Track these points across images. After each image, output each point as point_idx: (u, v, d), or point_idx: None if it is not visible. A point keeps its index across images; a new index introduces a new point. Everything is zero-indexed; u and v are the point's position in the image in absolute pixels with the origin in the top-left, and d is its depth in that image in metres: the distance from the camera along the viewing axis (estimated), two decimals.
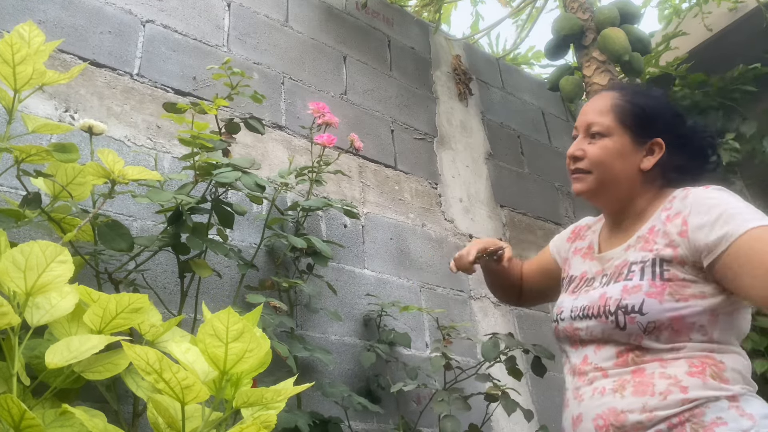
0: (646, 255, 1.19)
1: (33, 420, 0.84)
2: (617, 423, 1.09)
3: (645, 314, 1.11)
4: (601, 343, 1.19)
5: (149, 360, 0.83)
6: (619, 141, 1.29)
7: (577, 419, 1.18)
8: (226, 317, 0.85)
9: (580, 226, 1.52)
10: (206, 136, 1.46)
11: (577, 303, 1.26)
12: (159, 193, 1.29)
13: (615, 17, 2.96)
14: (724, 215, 1.10)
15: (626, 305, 1.14)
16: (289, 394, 0.93)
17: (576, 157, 1.33)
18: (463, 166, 2.71)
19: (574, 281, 1.36)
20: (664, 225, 1.19)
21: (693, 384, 1.06)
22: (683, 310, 1.11)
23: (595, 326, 1.19)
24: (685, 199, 1.19)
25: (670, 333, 1.11)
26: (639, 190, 1.30)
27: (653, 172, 1.29)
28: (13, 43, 1.05)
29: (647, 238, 1.22)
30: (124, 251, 1.29)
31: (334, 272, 1.99)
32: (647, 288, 1.13)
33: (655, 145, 1.29)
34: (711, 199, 1.15)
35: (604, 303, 1.18)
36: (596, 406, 1.13)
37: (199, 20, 2.05)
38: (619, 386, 1.12)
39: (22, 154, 1.13)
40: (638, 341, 1.13)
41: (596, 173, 1.30)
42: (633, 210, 1.31)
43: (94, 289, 1.07)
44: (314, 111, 1.81)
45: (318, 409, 1.72)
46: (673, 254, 1.14)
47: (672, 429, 1.04)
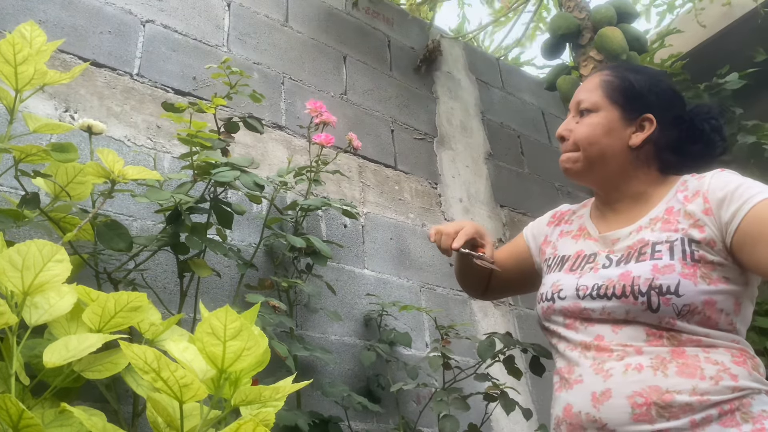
0: (672, 235, 1.13)
1: (31, 420, 0.84)
2: (662, 402, 1.03)
3: (681, 296, 1.06)
4: (621, 324, 1.12)
5: (147, 359, 0.83)
6: (607, 116, 1.24)
7: (603, 395, 1.09)
8: (223, 315, 0.85)
9: (562, 211, 1.46)
10: (205, 135, 1.47)
11: (584, 281, 1.19)
12: (157, 192, 1.29)
13: (612, 16, 2.96)
14: (740, 189, 1.08)
15: (660, 285, 1.07)
16: (287, 392, 0.93)
17: (563, 136, 1.29)
18: (463, 166, 2.71)
19: (568, 260, 1.29)
20: (684, 205, 1.15)
21: (741, 373, 1.04)
22: (714, 294, 1.07)
23: (616, 307, 1.12)
24: (702, 179, 1.16)
25: (702, 318, 1.07)
26: (631, 170, 1.25)
27: (645, 151, 1.24)
28: (15, 43, 1.05)
29: (667, 218, 1.17)
30: (122, 251, 1.29)
31: (334, 272, 1.99)
32: (680, 269, 1.08)
33: (645, 120, 1.24)
34: (727, 176, 1.13)
35: (630, 282, 1.11)
36: (632, 383, 1.06)
37: (199, 20, 2.05)
38: (659, 364, 1.06)
39: (20, 154, 1.13)
40: (670, 324, 1.07)
41: (583, 151, 1.25)
42: (629, 191, 1.25)
43: (94, 289, 1.07)
44: (311, 110, 1.81)
45: (318, 408, 1.72)
46: (702, 235, 1.10)
47: (723, 415, 1.01)
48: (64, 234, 1.20)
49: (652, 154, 1.25)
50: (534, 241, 1.45)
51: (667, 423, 1.02)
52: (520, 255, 1.47)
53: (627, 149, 1.23)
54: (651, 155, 1.25)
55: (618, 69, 1.31)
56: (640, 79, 1.27)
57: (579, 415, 1.10)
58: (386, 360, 1.92)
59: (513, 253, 1.49)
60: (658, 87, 1.27)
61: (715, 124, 1.27)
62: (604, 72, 1.31)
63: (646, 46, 3.03)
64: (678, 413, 1.02)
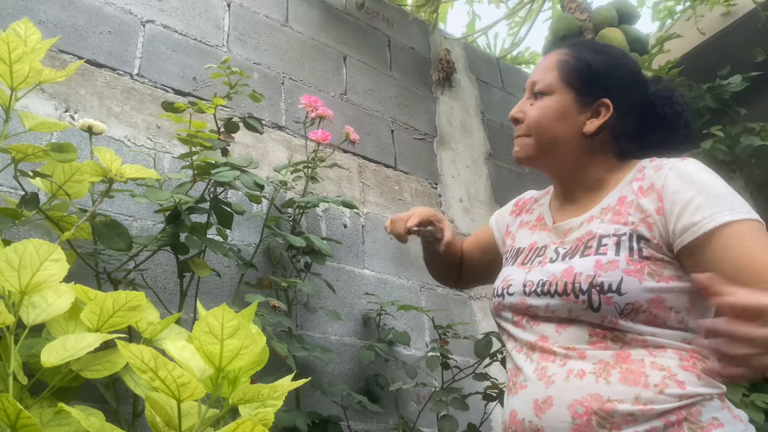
0: (621, 228, 1.04)
1: (29, 419, 0.84)
2: (603, 412, 0.95)
3: (624, 294, 0.98)
4: (564, 323, 1.05)
5: (144, 358, 0.83)
6: (561, 100, 1.15)
7: (544, 403, 1.02)
8: (221, 314, 0.85)
9: (525, 199, 1.38)
10: (204, 135, 1.46)
11: (531, 277, 1.11)
12: (156, 192, 1.29)
13: (613, 17, 2.96)
14: (698, 197, 0.98)
15: (601, 283, 0.99)
16: (286, 390, 0.93)
17: (516, 119, 1.21)
18: (463, 166, 2.71)
19: (522, 253, 1.21)
20: (638, 197, 1.06)
21: (688, 379, 0.96)
22: (663, 292, 0.99)
23: (558, 305, 1.04)
24: (660, 171, 1.05)
25: (648, 316, 0.99)
26: (587, 157, 1.17)
27: (601, 138, 1.15)
28: (10, 41, 1.05)
29: (617, 209, 1.08)
30: (122, 251, 1.29)
31: (334, 272, 1.99)
32: (624, 265, 1.00)
33: (601, 106, 1.15)
34: (688, 175, 1.02)
35: (572, 279, 1.03)
36: (573, 390, 0.99)
37: (199, 20, 2.05)
38: (602, 370, 0.99)
39: (19, 153, 1.13)
40: (613, 323, 0.99)
41: (534, 136, 1.17)
42: (586, 179, 1.17)
43: (94, 289, 1.07)
44: (306, 105, 1.80)
45: (317, 408, 1.72)
46: (650, 233, 1.01)
47: (669, 427, 0.93)
48: (63, 233, 1.20)
49: (609, 140, 1.16)
50: (498, 231, 1.38)
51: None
52: (486, 244, 1.41)
53: (581, 136, 1.15)
54: (607, 142, 1.16)
55: (577, 48, 1.22)
56: (598, 60, 1.17)
57: (523, 422, 1.04)
58: (385, 359, 1.92)
59: (480, 241, 1.44)
60: (618, 69, 1.18)
61: (677, 110, 1.19)
62: (562, 50, 1.22)
63: (647, 47, 3.03)
64: (620, 424, 0.94)
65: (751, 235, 0.95)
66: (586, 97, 1.15)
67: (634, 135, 1.17)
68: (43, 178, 1.19)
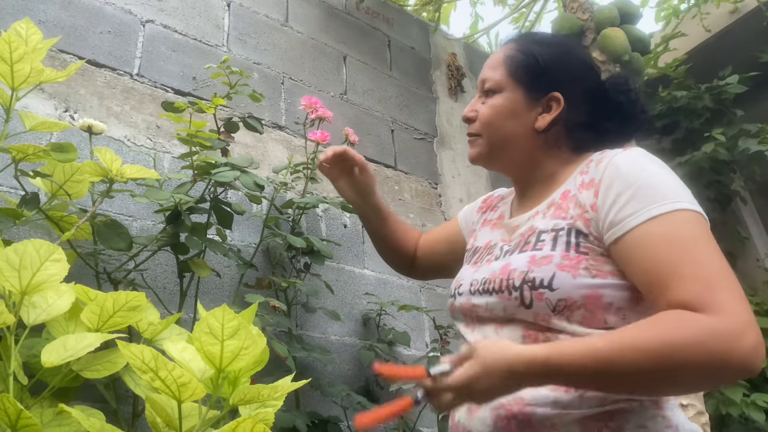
0: (559, 223, 1.00)
1: (30, 419, 0.84)
2: (522, 415, 0.91)
3: (555, 290, 0.93)
4: (503, 323, 1.00)
5: (145, 358, 0.83)
6: (510, 97, 1.12)
7: (473, 406, 0.99)
8: (221, 315, 0.85)
9: (493, 197, 1.34)
10: (204, 135, 1.46)
11: (477, 275, 1.08)
12: (156, 192, 1.29)
13: (615, 17, 2.96)
14: (627, 192, 0.93)
15: (533, 279, 0.95)
16: (286, 391, 0.93)
17: (468, 119, 1.18)
18: (463, 166, 2.70)
19: (477, 252, 1.18)
20: (579, 191, 1.01)
21: None
22: (600, 288, 0.93)
23: (496, 303, 1.00)
24: (600, 165, 1.00)
25: (583, 314, 0.93)
26: (540, 153, 1.13)
27: (554, 132, 1.12)
28: (11, 41, 1.05)
29: (560, 204, 1.04)
30: (122, 251, 1.29)
31: (334, 272, 1.99)
32: (559, 260, 0.95)
33: (551, 100, 1.11)
34: (623, 168, 0.97)
35: (507, 276, 0.99)
36: None
37: (199, 20, 2.05)
38: None
39: (19, 153, 1.13)
40: (546, 321, 0.94)
41: (486, 136, 1.14)
42: (540, 174, 1.13)
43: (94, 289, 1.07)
44: (306, 106, 1.80)
45: (317, 409, 1.72)
46: (588, 229, 0.97)
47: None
48: (63, 233, 1.20)
49: (563, 134, 1.13)
50: (466, 228, 1.35)
51: None
52: (452, 239, 1.38)
53: (533, 132, 1.12)
54: (561, 136, 1.13)
55: (523, 42, 1.18)
56: (545, 53, 1.13)
57: (459, 425, 1.02)
58: (386, 360, 1.91)
59: (446, 235, 1.40)
60: (566, 60, 1.14)
61: (633, 97, 1.15)
62: (509, 45, 1.18)
63: (649, 47, 3.03)
64: (538, 429, 0.90)
65: (667, 233, 0.89)
66: (535, 92, 1.12)
67: (589, 126, 1.13)
68: (44, 178, 1.19)
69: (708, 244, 0.88)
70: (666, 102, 3.95)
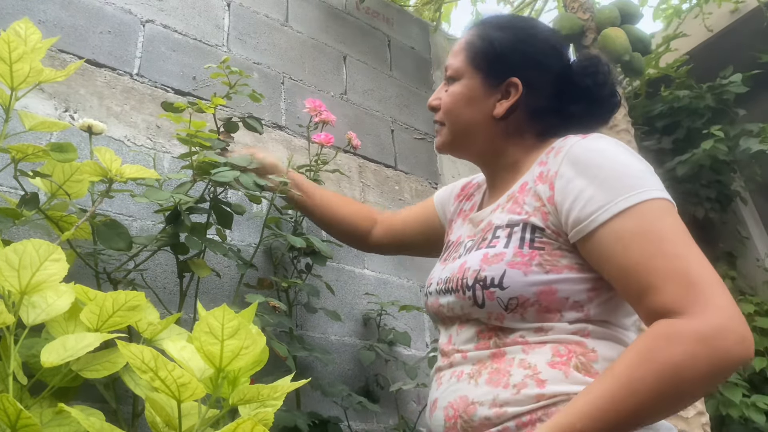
0: (515, 218, 0.98)
1: (29, 419, 0.84)
2: (466, 415, 0.91)
3: (506, 288, 0.91)
4: (463, 322, 1.00)
5: (144, 358, 0.83)
6: (468, 84, 1.10)
7: (433, 406, 1.00)
8: (221, 314, 0.85)
9: (471, 184, 1.31)
10: (204, 134, 1.46)
11: (442, 274, 1.07)
12: (156, 192, 1.29)
13: (615, 17, 2.96)
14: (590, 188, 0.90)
15: (485, 278, 0.93)
16: (286, 391, 0.93)
17: (433, 107, 1.17)
18: (464, 166, 2.70)
19: (449, 248, 1.16)
20: (536, 183, 0.98)
21: (552, 377, 0.88)
22: (555, 283, 0.91)
23: (454, 303, 1.00)
24: (558, 155, 0.97)
25: (538, 310, 0.92)
26: (502, 141, 1.10)
27: (515, 119, 1.09)
28: (10, 40, 1.04)
29: (517, 197, 1.01)
30: (122, 250, 1.29)
31: (334, 272, 1.99)
32: (510, 257, 0.93)
33: (510, 86, 1.08)
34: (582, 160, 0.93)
35: (462, 275, 0.98)
36: (450, 393, 0.96)
37: (199, 20, 2.05)
38: (476, 372, 0.94)
39: (19, 153, 1.13)
40: (500, 320, 0.93)
41: (448, 124, 1.13)
42: (504, 163, 1.11)
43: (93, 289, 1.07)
44: (310, 109, 1.80)
45: (317, 409, 1.72)
46: (545, 223, 0.94)
47: (520, 429, 0.86)
48: (62, 233, 1.19)
49: (525, 120, 1.10)
50: (443, 213, 1.32)
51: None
52: (428, 221, 1.36)
53: (492, 120, 1.09)
54: (523, 122, 1.10)
55: (484, 26, 1.15)
56: (503, 38, 1.10)
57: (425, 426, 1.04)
58: (386, 360, 1.91)
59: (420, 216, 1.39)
60: (526, 44, 1.10)
61: (600, 79, 1.10)
62: (471, 31, 1.16)
63: (650, 47, 3.03)
64: (479, 428, 0.90)
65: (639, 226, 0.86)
66: (494, 78, 1.09)
67: (554, 110, 1.10)
68: (43, 177, 1.19)
69: (682, 234, 0.87)
70: (667, 102, 3.95)
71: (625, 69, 2.94)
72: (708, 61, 3.91)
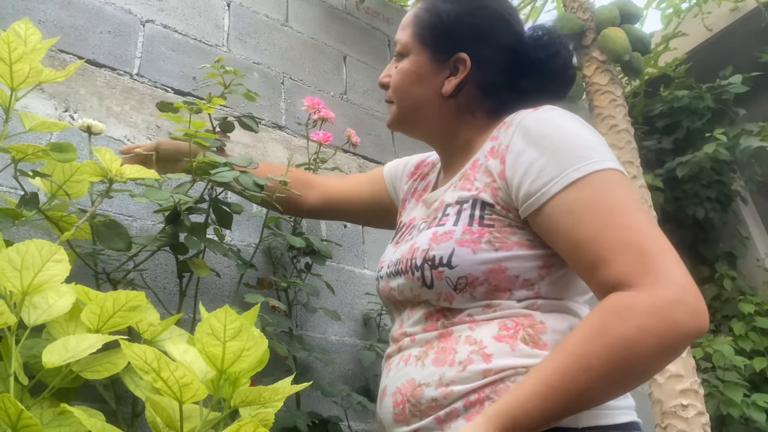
0: (464, 195, 0.95)
1: (30, 420, 0.84)
2: (413, 399, 0.87)
3: (454, 267, 0.88)
4: (414, 305, 0.97)
5: (147, 359, 0.83)
6: (416, 61, 1.06)
7: (382, 393, 0.96)
8: (223, 316, 0.85)
9: (426, 162, 1.28)
10: (202, 134, 1.46)
11: (393, 256, 1.03)
12: (156, 192, 1.28)
13: (615, 17, 2.96)
14: (541, 159, 0.86)
15: (433, 257, 0.90)
16: (287, 393, 0.93)
17: (382, 84, 1.13)
18: None
19: (401, 230, 1.12)
20: (486, 159, 0.95)
21: (498, 350, 0.84)
22: (504, 261, 0.88)
23: (404, 285, 0.96)
24: (509, 129, 0.93)
25: (488, 289, 0.88)
26: (454, 120, 1.06)
27: (465, 96, 1.04)
28: (10, 41, 1.04)
29: (468, 174, 0.98)
30: (122, 251, 1.29)
31: (334, 272, 1.99)
32: (459, 235, 0.90)
33: (458, 62, 1.03)
34: (534, 131, 0.90)
35: (411, 255, 0.95)
36: (398, 378, 0.93)
37: (199, 20, 2.04)
38: (423, 353, 0.91)
39: (19, 153, 1.13)
40: (449, 301, 0.90)
41: (396, 102, 1.10)
42: (458, 142, 1.07)
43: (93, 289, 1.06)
44: (309, 107, 1.80)
45: (317, 409, 1.72)
46: (494, 198, 0.91)
47: (468, 409, 0.82)
48: (62, 233, 1.19)
49: (476, 98, 1.05)
50: (394, 191, 1.29)
51: (420, 422, 0.87)
52: (376, 195, 1.32)
53: (441, 98, 1.05)
54: (474, 99, 1.05)
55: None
56: (450, 10, 1.04)
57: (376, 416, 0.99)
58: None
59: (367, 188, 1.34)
60: (474, 16, 1.04)
61: (553, 50, 1.06)
62: (419, 4, 1.11)
63: (649, 47, 3.03)
64: (426, 411, 0.86)
65: (590, 197, 0.83)
66: (441, 54, 1.04)
67: (506, 86, 1.05)
68: (43, 177, 1.19)
69: (634, 205, 0.83)
70: (667, 102, 3.96)
71: (625, 69, 2.95)
72: (707, 61, 3.92)
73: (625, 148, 2.75)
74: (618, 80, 2.94)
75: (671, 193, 3.88)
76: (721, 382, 3.04)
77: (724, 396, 2.98)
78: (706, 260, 3.94)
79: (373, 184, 1.36)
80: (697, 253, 3.96)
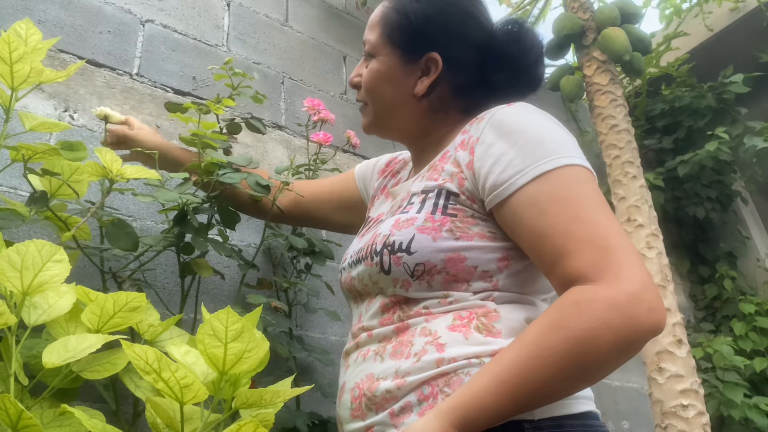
0: (430, 184, 0.95)
1: (30, 420, 0.83)
2: (369, 393, 0.87)
3: (413, 253, 0.87)
4: (373, 296, 0.96)
5: (148, 359, 0.83)
6: (386, 61, 1.04)
7: (341, 390, 0.96)
8: (225, 317, 0.84)
9: (397, 159, 1.27)
10: (213, 136, 1.46)
11: (356, 246, 1.04)
12: (165, 192, 1.28)
13: (616, 17, 2.96)
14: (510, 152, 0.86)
15: (393, 242, 0.89)
16: (288, 396, 0.92)
17: (353, 84, 1.11)
18: None
19: (368, 224, 1.12)
20: (456, 151, 0.95)
21: (452, 339, 0.84)
22: (464, 251, 0.87)
23: (363, 272, 0.96)
24: (480, 123, 0.93)
25: (445, 279, 0.88)
26: (428, 120, 1.05)
27: (438, 95, 1.04)
28: (11, 41, 1.04)
29: (436, 165, 0.98)
30: (129, 250, 1.28)
31: (334, 272, 1.99)
32: (421, 222, 0.89)
33: (429, 62, 1.02)
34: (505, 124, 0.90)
35: (372, 242, 0.95)
36: (356, 374, 0.92)
37: (199, 20, 2.04)
38: (381, 348, 0.90)
39: (28, 152, 1.13)
40: (405, 289, 0.89)
41: (370, 103, 1.08)
42: (431, 140, 1.06)
43: (99, 288, 1.06)
44: (309, 108, 1.79)
45: (317, 409, 1.71)
46: (460, 188, 0.91)
47: (422, 403, 0.81)
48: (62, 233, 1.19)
49: (449, 96, 1.05)
50: (365, 191, 1.28)
51: (375, 416, 0.86)
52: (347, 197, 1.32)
53: (414, 98, 1.04)
54: (448, 98, 1.05)
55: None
56: (418, 10, 1.03)
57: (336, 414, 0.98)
58: None
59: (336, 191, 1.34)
60: (444, 14, 1.03)
61: (525, 45, 1.05)
62: (386, 3, 1.08)
63: (650, 47, 3.03)
64: (382, 404, 0.85)
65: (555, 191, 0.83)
66: (412, 54, 1.03)
67: (480, 83, 1.04)
68: (52, 176, 1.18)
69: (599, 202, 0.83)
70: (668, 101, 3.95)
71: (626, 69, 2.95)
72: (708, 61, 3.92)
73: (625, 147, 2.75)
74: (618, 80, 2.94)
75: (672, 193, 3.88)
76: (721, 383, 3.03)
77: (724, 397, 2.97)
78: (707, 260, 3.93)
79: (343, 183, 1.35)
80: (698, 253, 3.95)
